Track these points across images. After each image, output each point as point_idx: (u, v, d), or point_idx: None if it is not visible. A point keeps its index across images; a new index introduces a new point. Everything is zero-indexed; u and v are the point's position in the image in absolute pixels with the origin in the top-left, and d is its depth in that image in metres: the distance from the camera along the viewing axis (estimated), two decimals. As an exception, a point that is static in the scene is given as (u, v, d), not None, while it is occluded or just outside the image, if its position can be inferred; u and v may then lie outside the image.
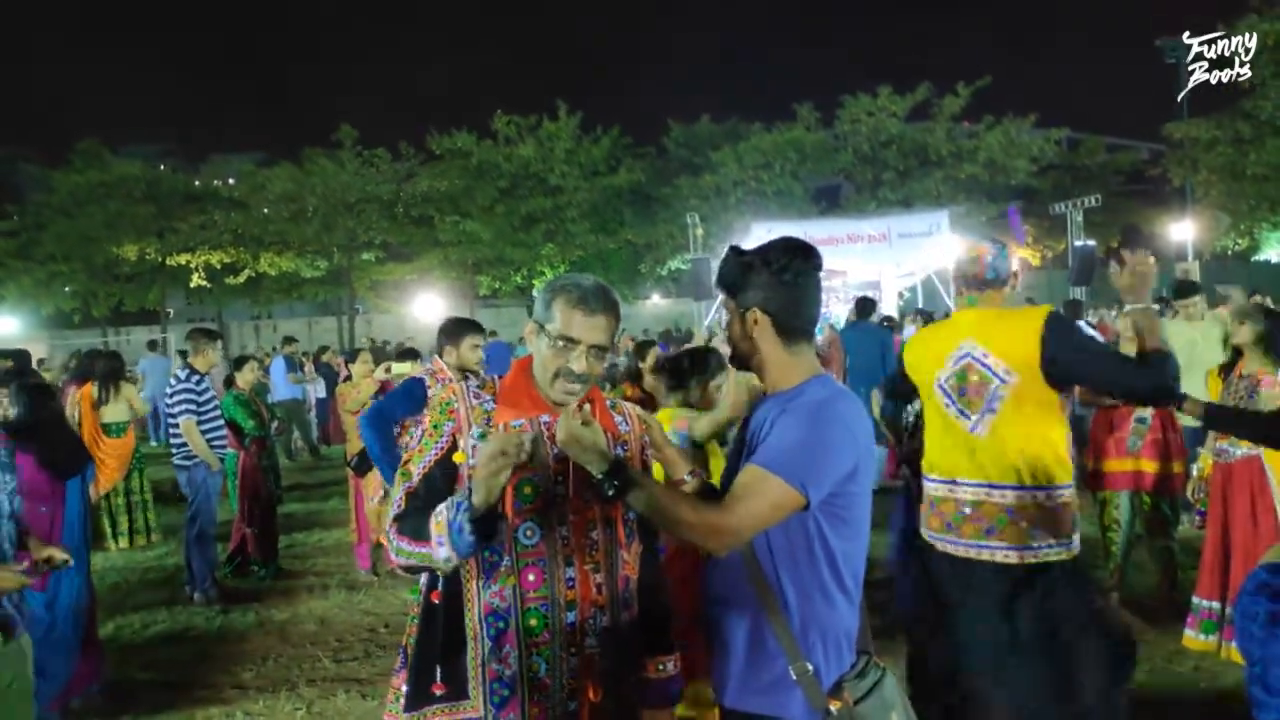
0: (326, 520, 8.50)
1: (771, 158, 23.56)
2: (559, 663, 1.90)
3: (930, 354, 3.04)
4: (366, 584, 6.35)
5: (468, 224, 25.09)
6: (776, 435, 1.89)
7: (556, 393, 1.95)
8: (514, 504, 1.87)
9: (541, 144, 24.40)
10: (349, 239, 26.28)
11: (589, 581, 1.94)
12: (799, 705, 1.89)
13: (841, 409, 1.92)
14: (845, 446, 1.88)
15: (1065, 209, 20.64)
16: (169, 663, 5.02)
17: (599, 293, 1.95)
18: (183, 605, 6.02)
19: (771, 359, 2.02)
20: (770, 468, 1.84)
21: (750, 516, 1.83)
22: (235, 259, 26.67)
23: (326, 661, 4.90)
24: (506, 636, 1.89)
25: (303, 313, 36.84)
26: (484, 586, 1.89)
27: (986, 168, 23.25)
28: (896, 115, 23.51)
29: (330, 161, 25.16)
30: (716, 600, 2.04)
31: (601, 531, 1.97)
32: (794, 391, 1.98)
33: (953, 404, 2.89)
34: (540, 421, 1.97)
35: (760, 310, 1.98)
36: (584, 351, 1.91)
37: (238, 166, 31.33)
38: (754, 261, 1.98)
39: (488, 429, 1.94)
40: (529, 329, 2.00)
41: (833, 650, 1.93)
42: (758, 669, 1.93)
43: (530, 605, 1.89)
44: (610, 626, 1.96)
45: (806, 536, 1.91)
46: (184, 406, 6.09)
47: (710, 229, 21.18)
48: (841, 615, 1.94)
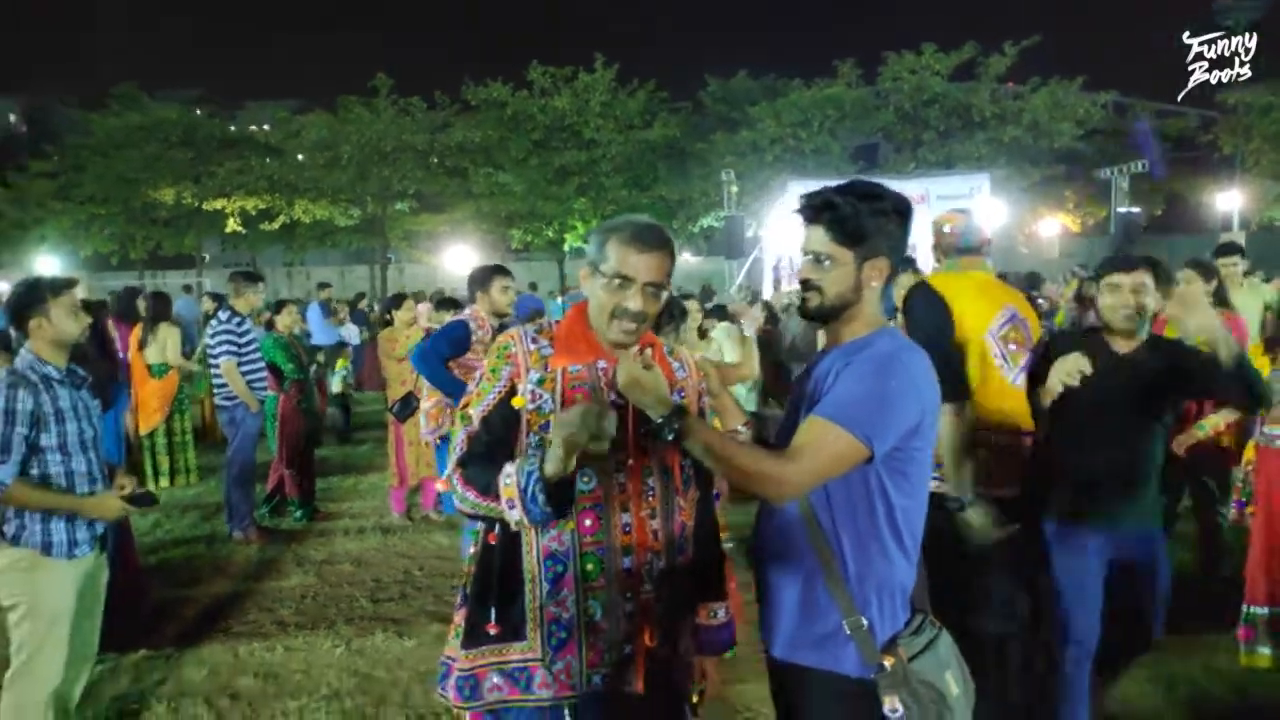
0: (361, 465, 8.61)
1: (810, 115, 23.10)
2: (615, 607, 1.91)
3: (981, 305, 3.22)
4: (401, 528, 6.44)
5: (501, 176, 24.95)
6: (842, 386, 1.86)
7: (614, 333, 1.94)
8: None
9: (577, 96, 24.13)
10: (383, 188, 26.27)
11: (645, 528, 1.94)
12: (852, 659, 1.88)
13: (909, 361, 1.88)
14: (911, 400, 1.85)
15: (1110, 175, 20.17)
16: (210, 597, 5.13)
17: (653, 229, 1.95)
18: (222, 542, 6.15)
19: (867, 309, 1.97)
20: (835, 419, 1.81)
21: (813, 468, 1.81)
22: (270, 205, 26.76)
23: (364, 601, 4.99)
24: (565, 580, 1.90)
25: (335, 261, 37.07)
26: (542, 530, 1.90)
27: (1030, 130, 22.66)
28: (940, 74, 22.91)
29: (366, 109, 25.07)
30: (768, 552, 2.03)
31: (658, 478, 1.97)
32: (861, 342, 1.94)
33: (1001, 354, 3.16)
34: (598, 367, 1.96)
35: (886, 259, 1.94)
36: (640, 289, 1.90)
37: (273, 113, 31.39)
38: (885, 209, 1.92)
39: (545, 374, 1.94)
40: (583, 272, 2.00)
41: (888, 606, 1.91)
42: (810, 622, 1.93)
43: (587, 550, 1.90)
44: (666, 571, 1.97)
45: (867, 491, 1.88)
46: (225, 348, 6.15)
47: (745, 186, 20.92)
48: (899, 572, 1.93)
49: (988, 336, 3.14)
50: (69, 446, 3.06)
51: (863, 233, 1.92)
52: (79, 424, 3.11)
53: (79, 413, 3.12)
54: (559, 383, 1.93)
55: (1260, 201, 24.01)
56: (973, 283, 3.26)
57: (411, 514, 6.67)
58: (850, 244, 1.93)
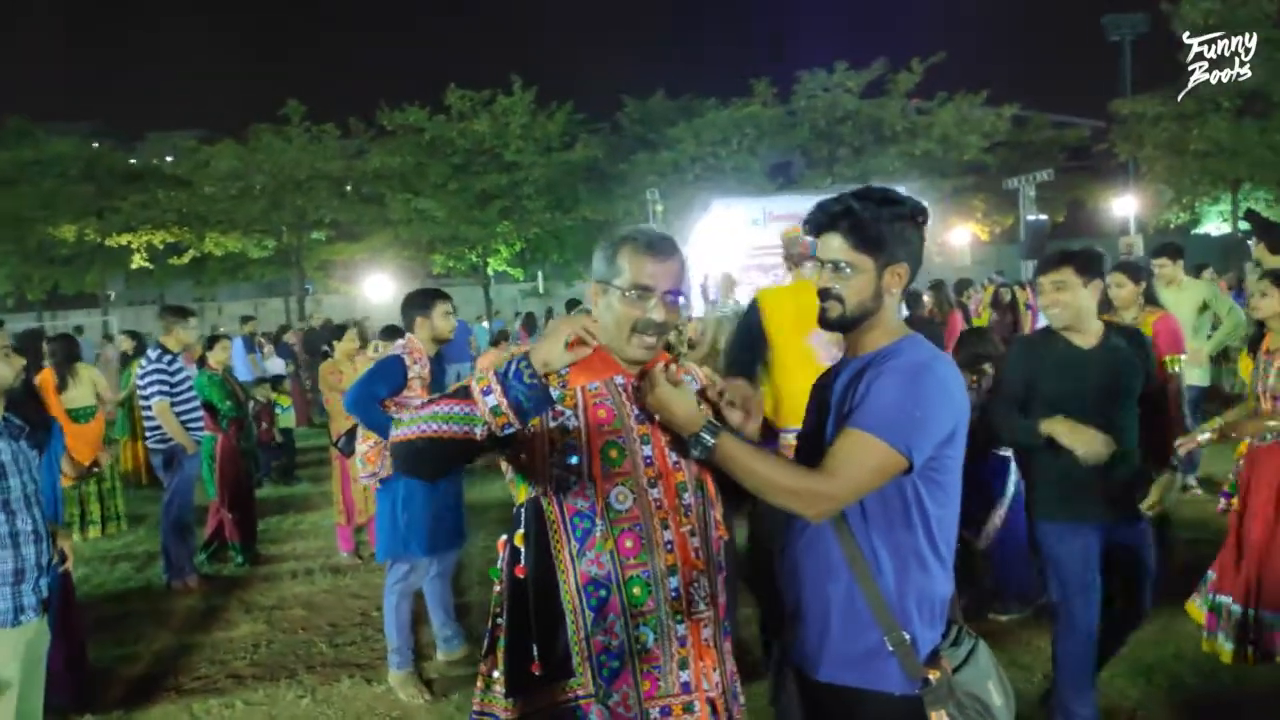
0: (300, 503, 8.29)
1: (729, 134, 23.47)
2: (667, 631, 1.81)
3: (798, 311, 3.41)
4: (350, 567, 6.19)
5: (420, 201, 24.58)
6: (876, 397, 1.80)
7: (634, 348, 1.87)
8: (601, 468, 1.81)
9: (496, 119, 23.99)
10: (297, 218, 25.62)
11: (687, 545, 1.86)
12: (896, 676, 1.83)
13: (941, 370, 1.85)
14: (945, 408, 1.82)
15: (1017, 184, 20.96)
16: (154, 653, 4.83)
17: (664, 237, 1.90)
18: (161, 593, 5.82)
19: (887, 316, 1.93)
20: (873, 430, 1.76)
21: (852, 481, 1.77)
22: (179, 239, 25.83)
23: (323, 646, 4.75)
24: (610, 605, 1.79)
25: (248, 294, 35.93)
26: (579, 554, 1.80)
27: (940, 144, 23.45)
28: (852, 91, 23.57)
29: (277, 138, 24.44)
30: (801, 571, 1.97)
31: (693, 494, 1.90)
32: (890, 350, 1.89)
33: (829, 357, 3.28)
34: (615, 383, 1.89)
35: (906, 265, 1.91)
36: (660, 298, 1.83)
37: (177, 143, 30.37)
38: (905, 213, 1.89)
39: (564, 390, 1.86)
40: (592, 290, 1.92)
41: (928, 619, 1.87)
42: (850, 641, 1.87)
43: (631, 574, 1.80)
44: (713, 592, 1.89)
45: (904, 502, 1.84)
46: (157, 388, 5.85)
47: (669, 205, 21.04)
48: (937, 583, 1.89)
49: (811, 339, 3.32)
50: (12, 504, 2.83)
51: (883, 239, 1.88)
52: (20, 479, 2.88)
53: (20, 466, 2.90)
54: (581, 399, 1.85)
55: (1155, 205, 25.23)
56: (800, 290, 3.43)
57: (360, 552, 6.42)
58: (871, 251, 1.88)
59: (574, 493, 1.80)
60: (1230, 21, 21.34)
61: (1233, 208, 23.90)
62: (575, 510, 1.80)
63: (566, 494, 1.80)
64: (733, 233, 12.95)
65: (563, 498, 1.81)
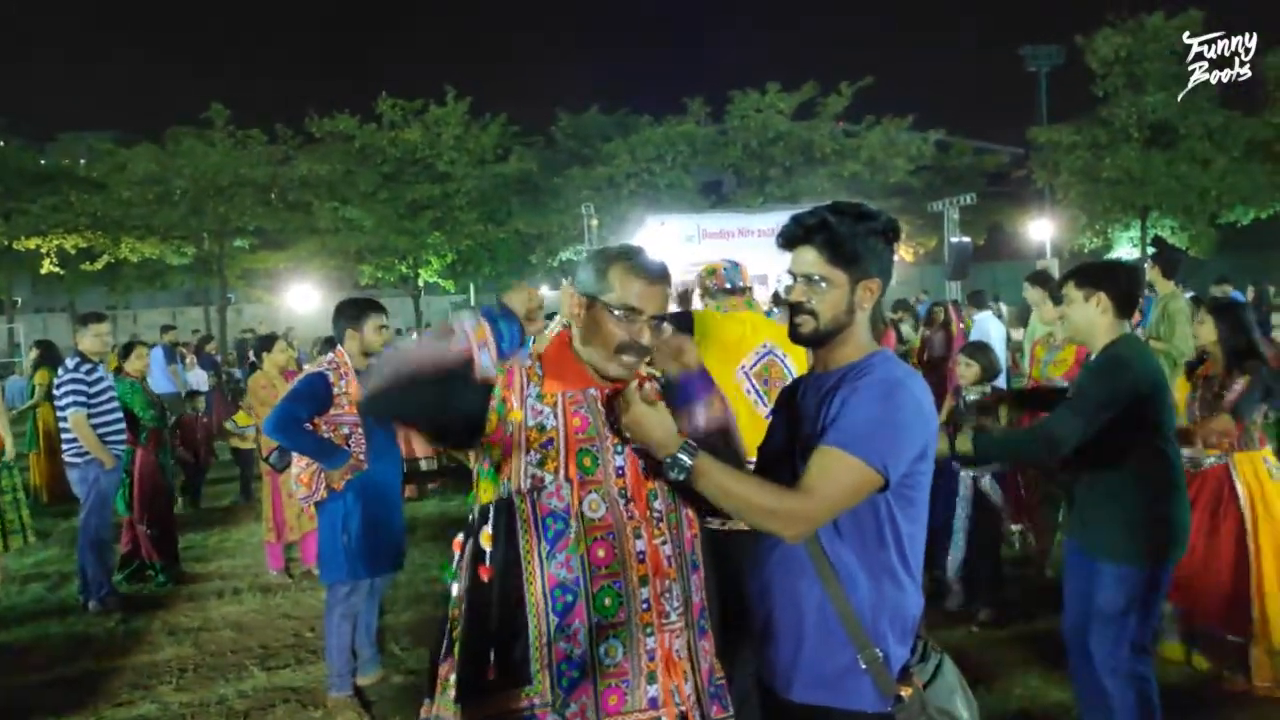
0: (225, 519, 7.99)
1: (663, 150, 23.64)
2: (637, 645, 1.78)
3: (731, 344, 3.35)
4: (280, 586, 5.98)
5: (349, 210, 24.11)
6: (850, 413, 1.79)
7: (615, 368, 1.85)
8: (577, 475, 1.79)
9: (428, 129, 23.70)
10: (219, 224, 24.83)
11: (659, 555, 1.84)
12: (869, 694, 1.83)
13: (913, 386, 1.85)
14: (918, 424, 1.82)
15: (942, 207, 21.54)
16: (71, 680, 4.56)
17: (659, 262, 1.89)
18: (77, 615, 5.52)
19: (858, 331, 1.93)
20: (849, 448, 1.75)
21: (830, 500, 1.76)
22: (92, 244, 24.78)
23: (255, 670, 4.56)
24: (575, 611, 1.75)
25: (165, 302, 34.74)
26: (549, 556, 1.76)
27: (868, 166, 24.02)
28: (783, 112, 23.98)
29: (199, 141, 23.69)
30: (771, 589, 1.94)
31: (664, 500, 1.88)
32: (860, 366, 1.88)
33: (754, 391, 3.26)
34: (589, 394, 1.88)
35: (878, 280, 1.90)
36: (646, 322, 1.82)
37: (92, 144, 29.21)
38: (878, 229, 1.89)
39: (541, 388, 1.86)
40: (574, 301, 1.88)
41: (900, 636, 1.87)
42: (823, 660, 1.86)
43: (603, 584, 1.77)
44: (684, 600, 1.87)
45: (877, 519, 1.83)
46: (72, 399, 5.56)
47: (603, 220, 21.08)
48: (909, 599, 1.89)
49: (737, 373, 3.27)
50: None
51: (857, 254, 1.88)
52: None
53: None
54: (561, 402, 1.85)
55: (1070, 230, 26.16)
56: (730, 322, 3.42)
57: (291, 570, 6.21)
58: (845, 265, 1.88)
59: (549, 493, 1.78)
60: (1140, 55, 22.45)
61: (1142, 234, 24.97)
62: (549, 510, 1.78)
63: (541, 493, 1.78)
64: (667, 249, 13.03)
65: (537, 497, 1.78)
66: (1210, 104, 22.43)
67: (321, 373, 3.98)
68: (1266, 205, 23.89)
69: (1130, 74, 22.84)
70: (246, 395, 7.40)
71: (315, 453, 3.89)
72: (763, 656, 1.98)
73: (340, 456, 3.87)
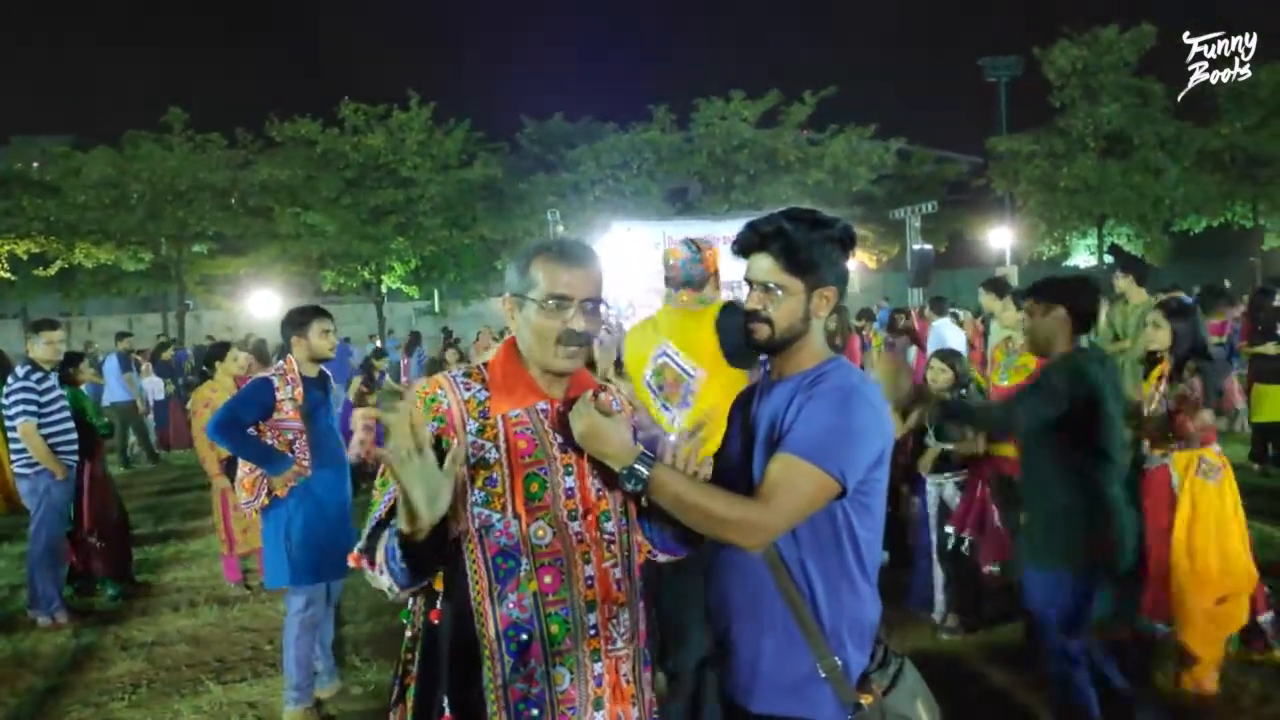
0: (180, 531, 7.83)
1: (629, 158, 23.65)
2: (584, 671, 1.74)
3: (637, 352, 3.21)
4: (239, 598, 5.87)
5: (310, 216, 23.81)
6: (807, 421, 1.78)
7: (560, 360, 1.77)
8: (524, 502, 1.72)
9: (392, 134, 23.50)
10: (178, 229, 24.35)
11: (609, 579, 1.79)
12: (829, 703, 1.82)
13: (868, 392, 1.84)
14: (874, 431, 1.81)
15: (904, 215, 21.79)
16: (19, 697, 4.45)
17: (579, 244, 1.83)
18: (26, 630, 5.38)
19: (814, 339, 1.92)
20: (806, 456, 1.74)
21: (789, 509, 1.74)
22: (45, 249, 24.21)
23: (211, 685, 4.47)
24: (531, 651, 1.70)
25: (121, 309, 33.98)
26: (500, 597, 1.69)
27: (831, 174, 24.22)
28: (748, 120, 24.12)
29: (157, 146, 23.27)
30: (730, 599, 1.93)
31: (616, 522, 1.83)
32: (814, 373, 1.87)
33: (656, 399, 3.09)
34: (538, 410, 1.80)
35: (835, 289, 1.90)
36: (579, 306, 1.75)
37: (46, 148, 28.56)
38: (834, 236, 1.89)
39: (485, 422, 1.75)
40: (508, 306, 1.81)
41: (859, 642, 1.87)
42: (782, 669, 1.85)
43: (550, 610, 1.71)
44: (633, 623, 1.83)
45: (834, 527, 1.83)
46: (22, 408, 5.43)
47: (569, 226, 21.02)
48: (867, 606, 1.89)
49: (643, 383, 3.15)
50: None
51: (813, 262, 1.87)
52: None
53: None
54: (502, 429, 1.75)
55: (1029, 238, 26.62)
56: (640, 329, 3.27)
57: (249, 582, 6.10)
58: (801, 273, 1.87)
59: (497, 531, 1.70)
60: (1095, 67, 22.91)
61: (1099, 241, 25.46)
62: (498, 549, 1.70)
63: (489, 532, 1.70)
64: (633, 255, 13.03)
65: (484, 536, 1.70)
66: (1163, 115, 22.97)
67: (267, 378, 4.00)
68: (1218, 214, 24.49)
69: (1086, 85, 23.31)
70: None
71: (257, 458, 3.91)
72: (722, 667, 1.96)
73: (283, 462, 3.87)
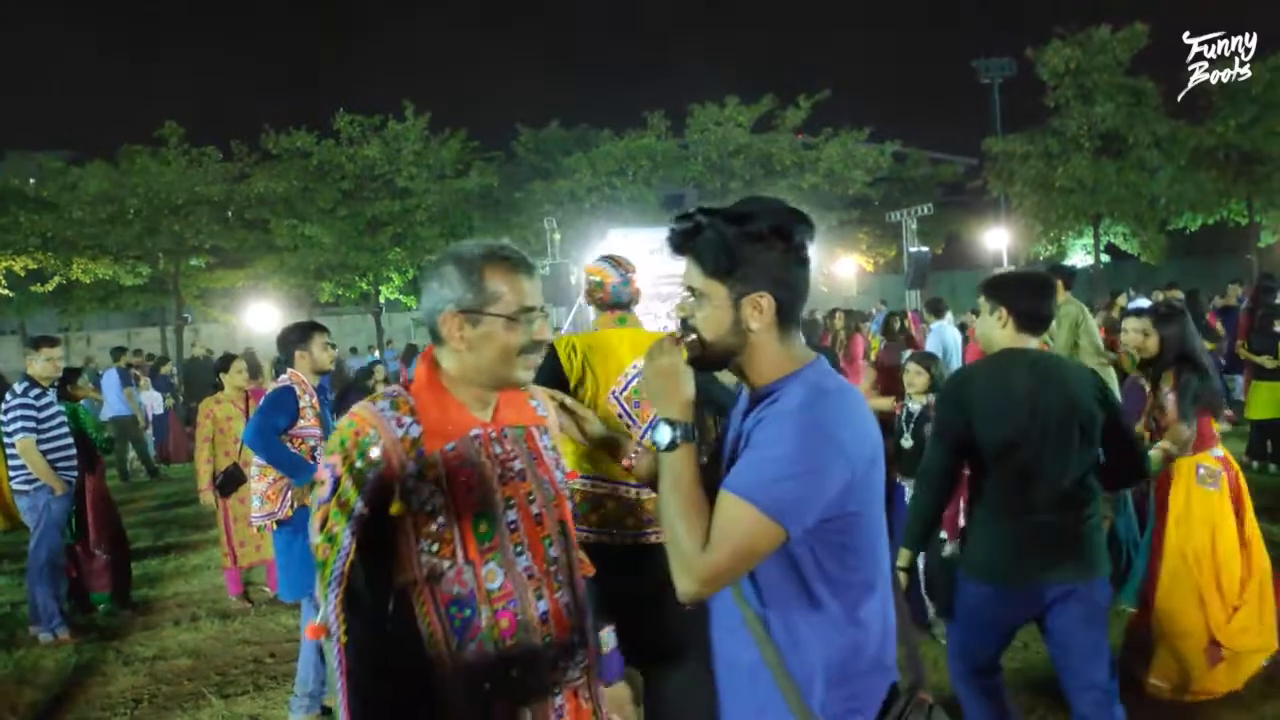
0: (180, 545, 7.82)
1: (625, 165, 23.68)
2: (545, 708, 1.71)
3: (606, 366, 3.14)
4: (240, 611, 5.86)
5: (307, 228, 23.83)
6: (751, 452, 1.53)
7: (522, 372, 1.72)
8: (476, 545, 1.65)
9: (387, 145, 23.54)
10: (175, 243, 24.36)
11: (560, 610, 1.75)
12: None
13: (823, 415, 1.51)
14: (830, 459, 1.49)
15: (900, 217, 21.83)
16: (21, 714, 4.44)
17: (513, 247, 1.76)
18: (27, 647, 5.37)
19: (764, 354, 1.61)
20: (745, 495, 1.47)
21: (734, 555, 1.47)
22: (42, 265, 24.21)
23: (212, 699, 4.46)
24: (494, 700, 1.65)
25: (119, 324, 33.99)
26: (459, 648, 1.64)
27: (827, 178, 24.27)
28: (743, 125, 24.17)
29: (153, 160, 23.28)
30: (715, 649, 1.72)
31: (557, 543, 1.78)
32: (767, 393, 1.60)
33: (626, 415, 3.08)
34: (471, 438, 1.71)
35: (770, 295, 1.56)
36: (540, 316, 1.72)
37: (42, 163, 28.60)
38: (759, 232, 1.55)
39: (423, 461, 1.64)
40: (455, 321, 1.68)
41: (843, 696, 1.58)
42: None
43: (509, 654, 1.67)
44: (582, 643, 1.79)
45: (800, 578, 1.55)
46: (20, 424, 5.44)
47: (566, 234, 21.07)
48: (858, 653, 1.59)
49: (609, 399, 3.09)
50: None
51: (733, 264, 1.56)
52: None
53: None
54: (442, 468, 1.65)
55: (1025, 238, 26.63)
56: (603, 342, 3.17)
57: (250, 595, 6.09)
58: (720, 277, 1.57)
59: (449, 578, 1.63)
60: (1089, 67, 22.96)
61: (1095, 241, 25.49)
62: (451, 598, 1.63)
63: (439, 581, 1.63)
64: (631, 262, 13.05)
65: (434, 585, 1.63)
66: (1157, 113, 23.02)
67: (288, 386, 4.13)
68: (1213, 212, 24.52)
69: (1080, 85, 23.35)
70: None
71: (290, 467, 3.98)
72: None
73: (310, 471, 3.89)
